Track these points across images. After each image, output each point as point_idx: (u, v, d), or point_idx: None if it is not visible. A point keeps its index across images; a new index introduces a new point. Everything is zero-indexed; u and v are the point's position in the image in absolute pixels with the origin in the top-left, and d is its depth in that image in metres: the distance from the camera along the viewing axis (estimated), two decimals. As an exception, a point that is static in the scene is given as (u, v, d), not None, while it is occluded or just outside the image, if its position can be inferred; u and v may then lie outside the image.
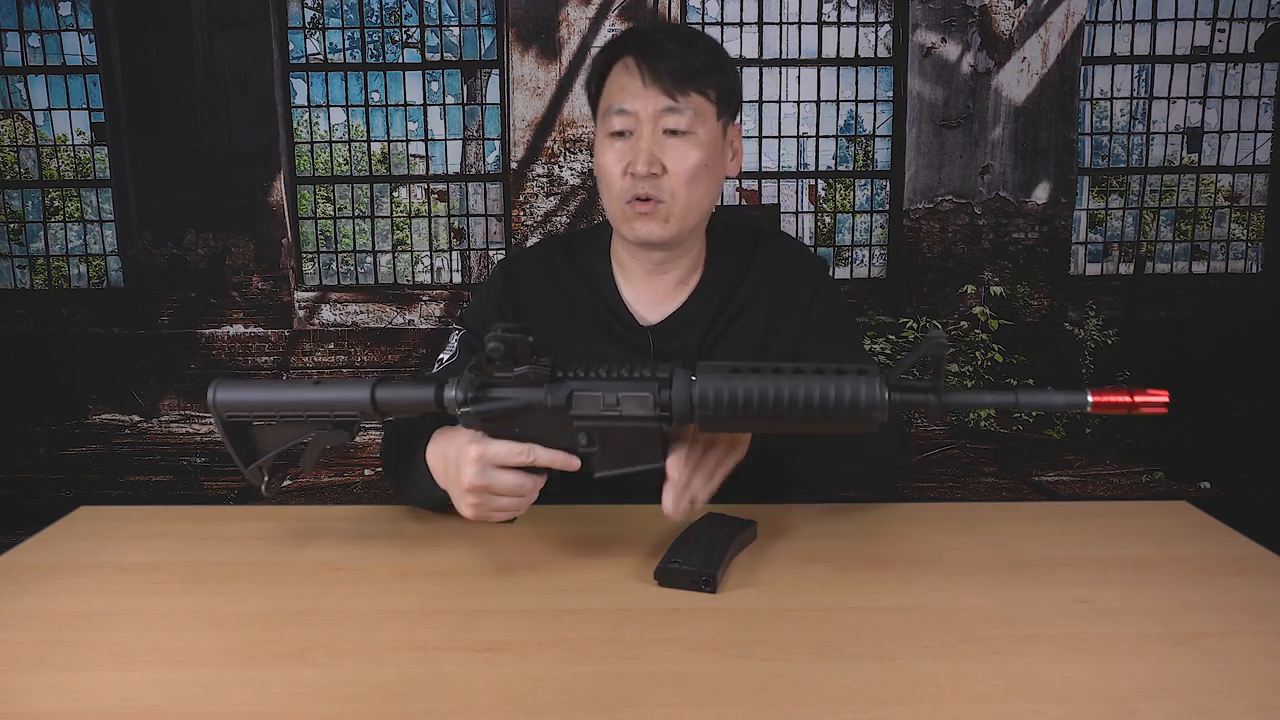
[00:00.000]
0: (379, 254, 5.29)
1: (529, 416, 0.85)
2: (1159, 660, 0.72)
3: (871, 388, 0.77)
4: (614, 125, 1.04)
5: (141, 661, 0.74)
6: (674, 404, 0.81)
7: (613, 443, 0.84)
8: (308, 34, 4.96)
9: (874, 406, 0.76)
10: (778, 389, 0.78)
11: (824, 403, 0.77)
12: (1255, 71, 4.76)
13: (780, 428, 0.80)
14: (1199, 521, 1.03)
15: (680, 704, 0.66)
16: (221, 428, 0.91)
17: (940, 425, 4.44)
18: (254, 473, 0.93)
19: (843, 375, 0.78)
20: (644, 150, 1.02)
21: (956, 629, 0.77)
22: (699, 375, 0.80)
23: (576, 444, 0.85)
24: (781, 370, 0.79)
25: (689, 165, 1.04)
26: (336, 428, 0.90)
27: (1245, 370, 4.47)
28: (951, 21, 4.70)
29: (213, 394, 0.91)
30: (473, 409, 0.84)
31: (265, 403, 0.90)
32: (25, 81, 4.96)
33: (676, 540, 0.92)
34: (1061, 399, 0.77)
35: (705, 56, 1.04)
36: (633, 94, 1.03)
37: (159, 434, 4.72)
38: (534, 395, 0.84)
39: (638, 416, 0.82)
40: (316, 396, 0.89)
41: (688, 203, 1.05)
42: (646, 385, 0.82)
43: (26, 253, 5.16)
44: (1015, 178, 4.81)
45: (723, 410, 0.79)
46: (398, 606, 0.84)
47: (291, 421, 0.90)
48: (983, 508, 1.09)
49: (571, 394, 0.83)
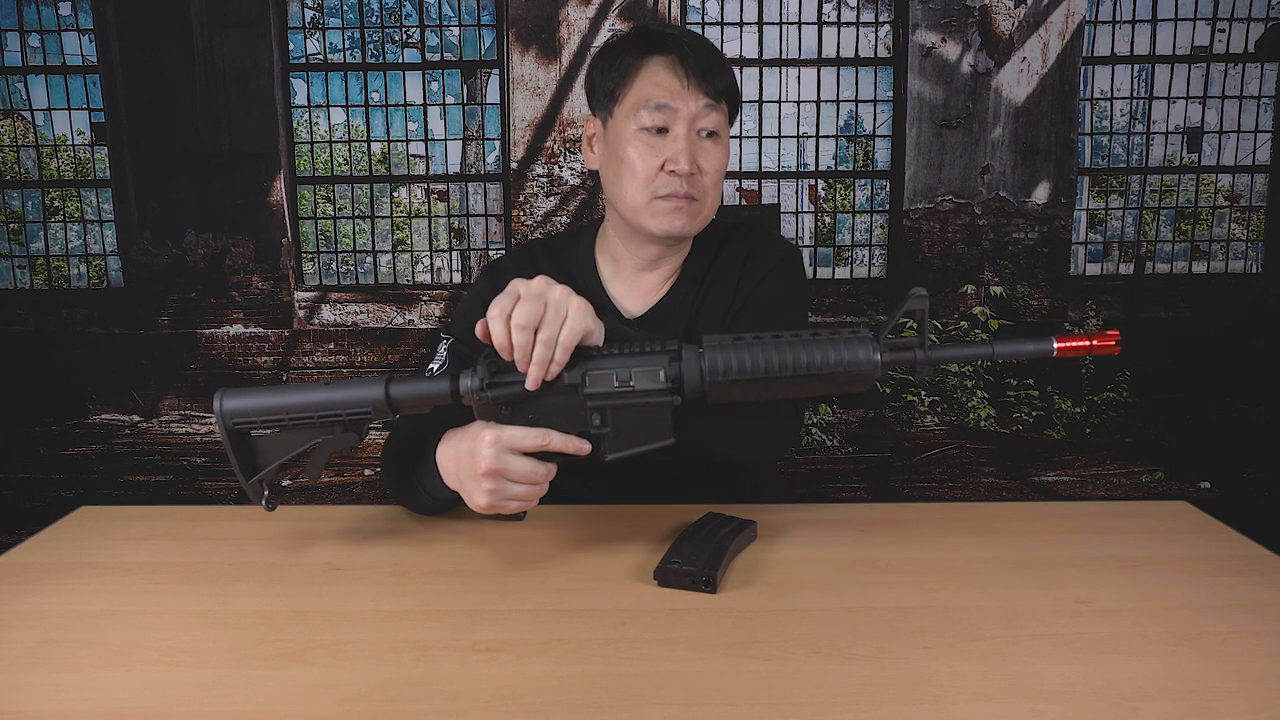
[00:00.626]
0: (379, 254, 5.29)
1: (543, 400, 0.86)
2: (1159, 660, 0.72)
3: (866, 349, 0.83)
4: (649, 120, 1.06)
5: (141, 661, 0.74)
6: (685, 376, 0.84)
7: (624, 422, 0.86)
8: (308, 34, 4.96)
9: (870, 365, 0.82)
10: (780, 355, 0.82)
11: (825, 364, 0.82)
12: (1255, 71, 4.76)
13: (784, 392, 0.84)
14: (1199, 521, 1.03)
15: (680, 704, 0.66)
16: (227, 437, 0.91)
17: (937, 424, 4.44)
18: (254, 487, 0.92)
19: (837, 338, 0.83)
20: (685, 150, 1.05)
21: (956, 629, 0.77)
22: (706, 347, 0.84)
23: (589, 426, 0.87)
24: (781, 337, 0.84)
25: (717, 165, 1.09)
26: (347, 429, 0.90)
27: (1245, 370, 4.47)
28: (951, 21, 4.70)
29: (219, 402, 0.91)
30: (490, 393, 0.85)
31: (274, 407, 0.89)
32: (25, 81, 4.96)
33: (676, 540, 0.92)
34: (1031, 346, 0.84)
35: (724, 62, 1.09)
36: (673, 92, 1.06)
37: (159, 434, 4.72)
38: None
39: (650, 390, 0.84)
40: (327, 397, 0.89)
41: (714, 201, 1.12)
42: (657, 359, 0.85)
43: (26, 253, 5.16)
44: (1015, 178, 4.81)
45: (731, 377, 0.83)
46: (398, 606, 0.84)
47: (299, 426, 0.90)
48: (982, 508, 1.09)
49: (586, 372, 0.85)
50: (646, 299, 1.17)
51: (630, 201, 1.09)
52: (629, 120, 1.08)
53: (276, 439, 0.91)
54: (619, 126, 1.09)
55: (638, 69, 1.08)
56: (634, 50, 1.09)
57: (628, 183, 1.09)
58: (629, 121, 1.08)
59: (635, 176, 1.07)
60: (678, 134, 1.06)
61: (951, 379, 4.55)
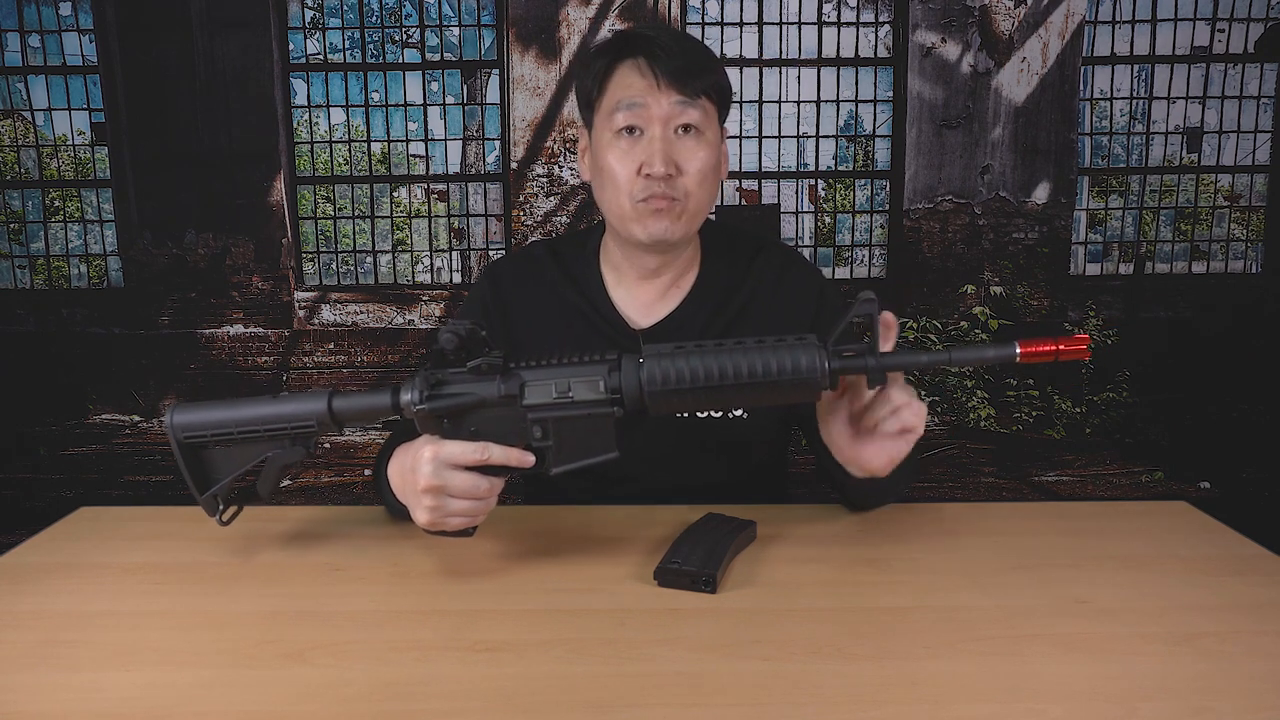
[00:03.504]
0: (379, 254, 5.29)
1: (483, 412, 0.85)
2: (1159, 660, 0.72)
3: (811, 355, 0.79)
4: (621, 121, 1.03)
5: (141, 661, 0.74)
6: (624, 385, 0.82)
7: (566, 435, 0.84)
8: (308, 34, 4.96)
9: (816, 373, 0.79)
10: (722, 363, 0.79)
11: (767, 373, 0.79)
12: (1255, 71, 4.76)
13: (729, 402, 0.82)
14: (1199, 521, 1.03)
15: (680, 704, 0.66)
16: (179, 452, 0.90)
17: (937, 424, 4.44)
18: (208, 501, 0.92)
19: (783, 345, 0.80)
20: (659, 151, 1.01)
21: (956, 629, 0.77)
22: (645, 356, 0.81)
23: (531, 438, 0.85)
24: (724, 344, 0.81)
25: (700, 164, 1.04)
26: (294, 442, 0.89)
27: (1245, 370, 4.47)
28: (951, 21, 4.70)
29: (170, 417, 0.90)
30: (427, 406, 0.84)
31: (223, 420, 0.89)
32: (25, 81, 4.96)
33: (676, 540, 0.92)
34: (992, 352, 0.79)
35: (706, 58, 1.04)
36: (643, 91, 1.02)
37: (159, 434, 4.72)
38: (488, 388, 0.84)
39: (589, 401, 0.83)
40: (273, 410, 0.88)
41: (699, 202, 1.06)
42: (596, 369, 0.83)
43: (27, 253, 5.16)
44: (1015, 178, 4.81)
45: (670, 387, 0.80)
46: (398, 606, 0.84)
47: (249, 440, 0.89)
48: (983, 508, 1.09)
49: (524, 384, 0.83)
50: (653, 311, 1.14)
51: (615, 210, 1.06)
52: (605, 126, 1.05)
53: (228, 454, 0.91)
54: (599, 134, 1.07)
55: (610, 72, 1.05)
56: (607, 54, 1.06)
57: (610, 191, 1.05)
58: (605, 127, 1.05)
59: (616, 184, 1.04)
60: (652, 135, 1.02)
61: (952, 379, 4.55)
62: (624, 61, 1.04)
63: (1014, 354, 0.78)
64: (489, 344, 0.85)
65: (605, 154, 1.05)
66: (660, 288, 1.14)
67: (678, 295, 1.14)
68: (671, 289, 1.14)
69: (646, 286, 1.14)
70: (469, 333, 0.82)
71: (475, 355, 0.84)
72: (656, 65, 1.01)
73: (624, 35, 1.06)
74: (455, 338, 0.82)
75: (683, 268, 1.14)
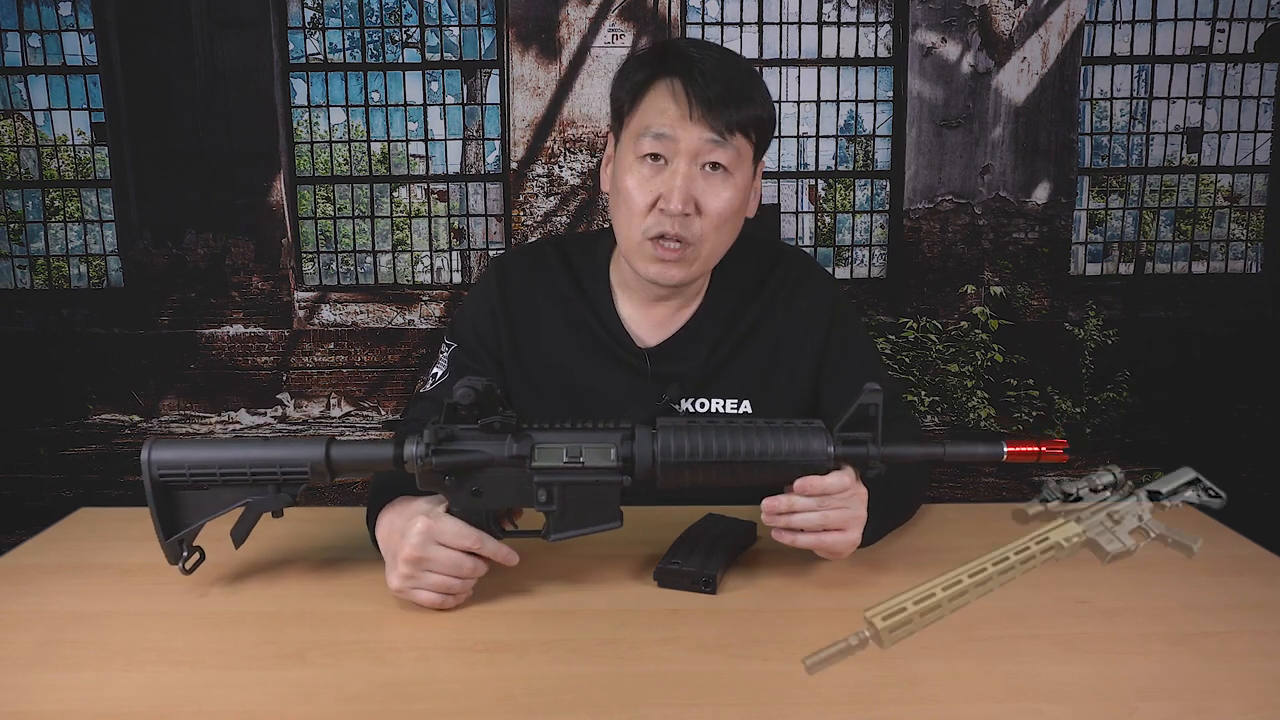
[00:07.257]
0: (379, 254, 5.29)
1: (489, 471, 0.83)
2: (1159, 660, 0.72)
3: (820, 441, 0.83)
4: (647, 148, 0.98)
5: (141, 661, 0.74)
6: (636, 456, 0.82)
7: (571, 502, 0.83)
8: (308, 34, 4.96)
9: (823, 456, 0.83)
10: (734, 441, 0.82)
11: (777, 453, 0.82)
12: (1255, 71, 4.76)
13: (735, 478, 0.84)
14: (1198, 521, 1.03)
15: (680, 704, 0.66)
16: (150, 490, 0.84)
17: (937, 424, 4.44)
18: (172, 547, 0.85)
19: (791, 428, 0.84)
20: (680, 188, 0.96)
21: (956, 629, 0.77)
22: (659, 428, 0.82)
23: (535, 500, 0.84)
24: (735, 423, 0.83)
25: (722, 206, 0.99)
26: (280, 489, 0.84)
27: (1245, 370, 4.47)
28: (951, 21, 4.70)
29: (146, 453, 0.84)
30: (435, 461, 0.80)
31: (206, 461, 0.83)
32: (25, 81, 4.96)
33: (676, 541, 0.92)
34: (983, 449, 0.85)
35: (748, 88, 0.98)
36: (675, 121, 0.96)
37: (159, 434, 4.72)
38: (497, 448, 0.82)
39: (599, 468, 0.82)
40: (264, 454, 0.83)
41: (714, 246, 1.02)
42: (609, 436, 0.83)
43: (27, 253, 5.16)
44: (1015, 178, 4.81)
45: (683, 459, 0.81)
46: (397, 607, 0.84)
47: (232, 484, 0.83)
48: (982, 508, 1.09)
49: (534, 445, 0.82)
50: (661, 329, 1.11)
51: (625, 237, 1.02)
52: (631, 147, 1.00)
53: (204, 496, 0.85)
54: (623, 151, 1.02)
55: (645, 91, 0.99)
56: (645, 69, 1.00)
57: (624, 216, 1.01)
58: (631, 148, 1.00)
59: (630, 210, 1.00)
60: (676, 168, 0.97)
61: (951, 379, 4.55)
62: (660, 80, 0.98)
63: (1001, 453, 0.84)
64: (504, 402, 0.83)
65: (625, 176, 1.00)
66: (670, 309, 1.11)
67: (686, 313, 1.12)
68: (681, 308, 1.12)
69: (657, 308, 1.11)
70: (485, 389, 0.80)
71: (489, 413, 0.82)
72: (693, 92, 0.95)
73: (666, 49, 1.01)
74: (472, 393, 0.80)
75: (694, 291, 1.11)
